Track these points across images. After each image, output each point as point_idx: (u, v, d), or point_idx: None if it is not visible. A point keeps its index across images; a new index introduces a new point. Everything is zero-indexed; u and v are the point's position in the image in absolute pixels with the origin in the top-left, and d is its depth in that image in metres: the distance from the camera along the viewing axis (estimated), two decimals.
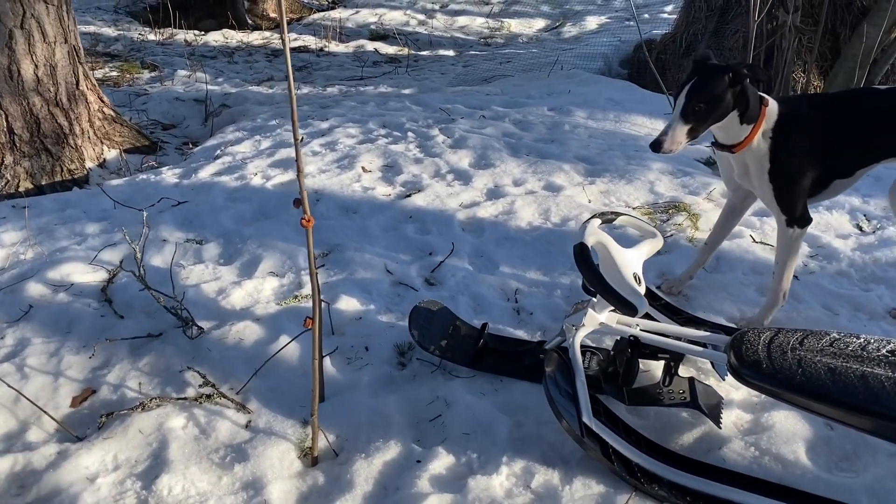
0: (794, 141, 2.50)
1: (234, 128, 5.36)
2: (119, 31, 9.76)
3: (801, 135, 2.50)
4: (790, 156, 2.50)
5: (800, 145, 2.50)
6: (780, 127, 2.48)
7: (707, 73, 2.35)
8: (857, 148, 2.57)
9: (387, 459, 2.21)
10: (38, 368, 2.59)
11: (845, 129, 2.53)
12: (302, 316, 2.85)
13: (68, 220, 3.73)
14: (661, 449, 2.17)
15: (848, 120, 2.55)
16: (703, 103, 2.33)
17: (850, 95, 2.76)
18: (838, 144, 2.54)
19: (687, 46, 6.20)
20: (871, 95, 2.69)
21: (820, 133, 2.52)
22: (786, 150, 2.49)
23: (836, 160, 2.57)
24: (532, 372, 2.49)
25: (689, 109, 2.34)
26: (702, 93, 2.32)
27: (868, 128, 2.55)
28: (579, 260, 2.12)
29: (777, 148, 2.49)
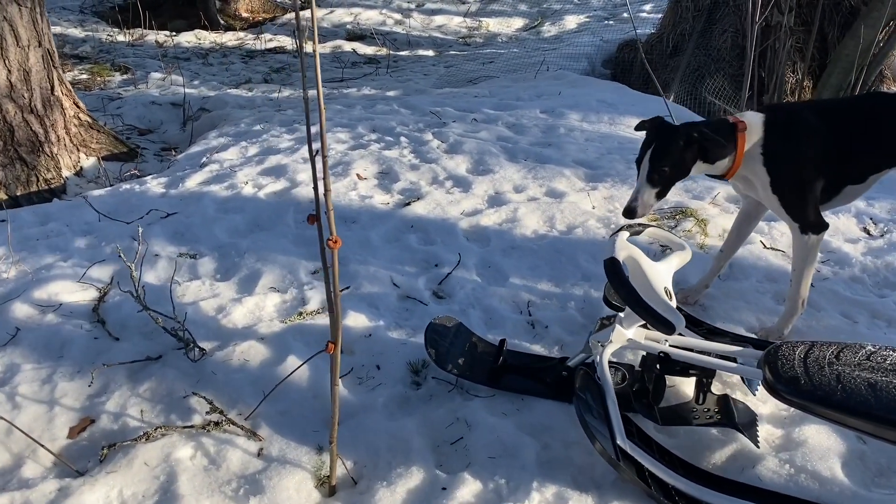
0: (788, 150, 2.47)
1: (216, 133, 5.19)
2: (86, 31, 9.47)
3: (795, 142, 2.48)
4: (788, 165, 2.47)
5: (796, 153, 2.47)
6: (769, 139, 2.47)
7: (664, 137, 2.41)
8: (868, 153, 2.54)
9: (410, 487, 2.11)
10: (31, 397, 2.44)
11: (854, 135, 2.50)
12: (308, 334, 2.74)
13: (51, 234, 3.55)
14: (697, 470, 2.09)
15: (857, 125, 2.51)
16: (665, 167, 2.40)
17: (858, 100, 2.73)
18: (847, 150, 2.50)
19: (674, 47, 6.17)
20: (881, 100, 2.65)
21: (823, 138, 2.48)
22: (782, 160, 2.47)
23: (846, 166, 2.53)
24: (554, 390, 2.40)
25: (653, 175, 2.42)
26: (662, 159, 2.40)
27: (879, 133, 2.52)
28: (612, 276, 2.04)
29: (772, 160, 2.47)
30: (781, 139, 2.47)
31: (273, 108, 5.94)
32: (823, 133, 2.48)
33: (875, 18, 4.67)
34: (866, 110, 2.56)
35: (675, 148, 2.39)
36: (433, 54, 8.70)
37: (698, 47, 5.87)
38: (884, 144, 2.53)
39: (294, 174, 4.05)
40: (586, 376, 2.18)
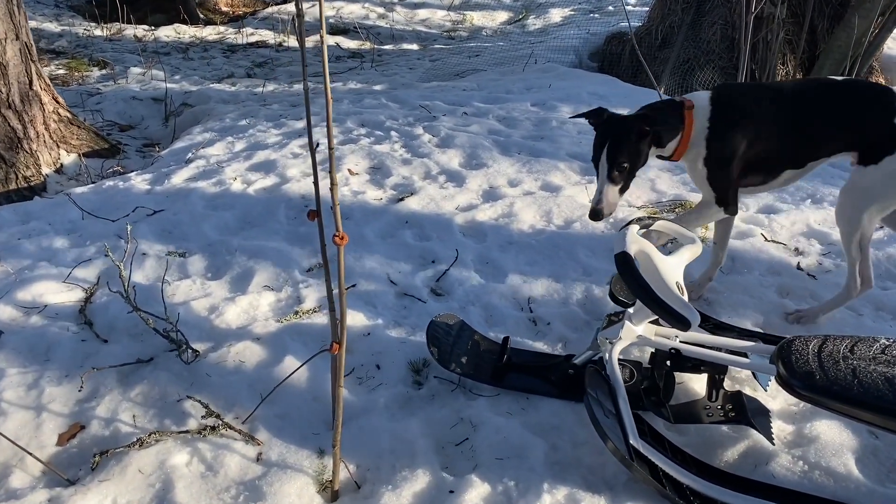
0: (730, 128, 2.47)
1: (201, 129, 5.08)
2: (62, 26, 9.27)
3: (738, 121, 2.48)
4: (727, 142, 2.47)
5: (737, 131, 2.47)
6: (715, 116, 2.47)
7: (618, 132, 2.39)
8: (808, 139, 2.52)
9: (416, 490, 2.04)
10: (17, 403, 2.34)
11: (796, 119, 2.48)
12: (305, 333, 2.66)
13: (32, 233, 3.43)
14: (710, 468, 2.05)
15: (799, 110, 2.50)
16: (625, 163, 2.38)
17: (803, 85, 2.68)
18: (787, 134, 2.50)
19: (663, 39, 6.13)
20: (826, 86, 2.60)
21: (767, 121, 2.48)
22: (722, 137, 2.47)
23: (785, 150, 2.53)
24: (560, 388, 2.35)
25: (613, 173, 2.39)
26: (620, 154, 2.37)
27: (820, 120, 2.49)
28: (625, 271, 1.98)
29: (714, 136, 2.48)
30: (726, 117, 2.47)
31: (258, 103, 5.83)
32: (768, 115, 2.48)
33: (868, 9, 4.65)
34: (811, 97, 2.53)
35: (630, 141, 2.37)
36: (418, 48, 8.61)
37: (688, 39, 5.84)
38: (826, 131, 2.50)
39: (284, 169, 3.95)
40: (596, 374, 2.12)
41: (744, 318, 2.72)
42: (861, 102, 2.48)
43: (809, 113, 2.48)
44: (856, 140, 2.48)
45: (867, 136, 2.46)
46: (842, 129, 2.48)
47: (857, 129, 2.47)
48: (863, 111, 2.47)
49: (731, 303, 2.80)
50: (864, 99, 2.49)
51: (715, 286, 2.87)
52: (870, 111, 2.46)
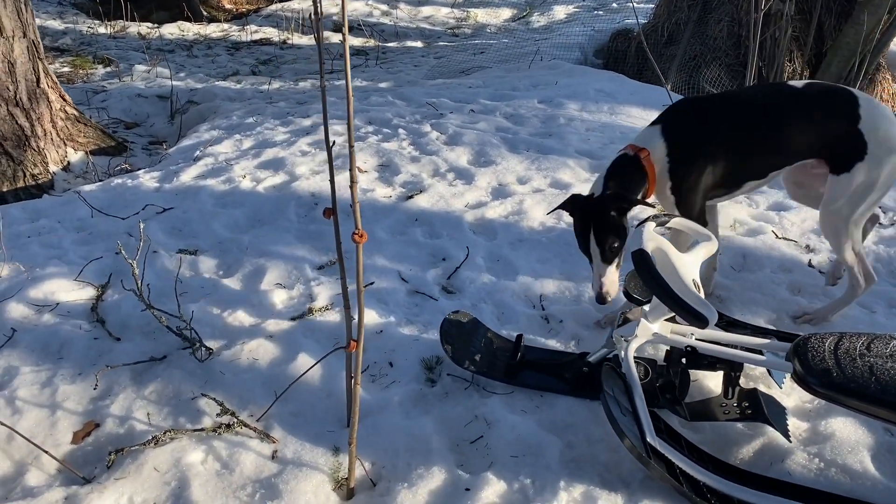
0: (688, 157, 2.45)
1: (207, 126, 5.07)
2: (66, 23, 9.27)
3: (694, 150, 2.45)
4: (688, 171, 2.45)
5: (696, 159, 2.45)
6: (672, 149, 2.44)
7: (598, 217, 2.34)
8: (770, 150, 2.49)
9: (432, 488, 2.03)
10: (31, 401, 2.34)
11: (754, 132, 2.45)
12: (318, 331, 2.66)
13: (42, 231, 3.43)
14: (727, 466, 2.04)
15: (757, 121, 2.46)
16: (615, 243, 2.33)
17: (758, 93, 2.66)
18: (748, 147, 2.46)
19: (669, 36, 6.12)
20: (783, 92, 2.56)
21: (722, 138, 2.45)
22: (683, 167, 2.45)
23: (746, 162, 2.50)
24: (574, 386, 2.34)
25: (606, 255, 2.35)
26: (607, 237, 2.32)
27: (780, 129, 2.46)
28: (642, 269, 1.97)
29: (675, 167, 2.46)
30: (682, 147, 2.45)
31: (264, 101, 5.82)
32: (724, 133, 2.45)
33: (876, 6, 4.64)
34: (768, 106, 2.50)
35: (612, 222, 2.33)
36: (422, 45, 8.60)
37: (694, 36, 5.83)
38: (787, 139, 2.46)
39: (293, 167, 3.95)
40: (612, 372, 2.12)
41: (756, 315, 2.72)
42: (822, 108, 2.45)
43: (768, 123, 2.45)
44: (819, 147, 2.46)
45: (832, 143, 2.44)
46: (803, 137, 2.45)
47: (819, 136, 2.44)
48: (824, 117, 2.44)
49: (743, 300, 2.79)
50: (825, 104, 2.46)
51: (726, 283, 2.87)
52: (832, 117, 2.43)
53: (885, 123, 2.40)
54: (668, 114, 2.57)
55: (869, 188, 2.43)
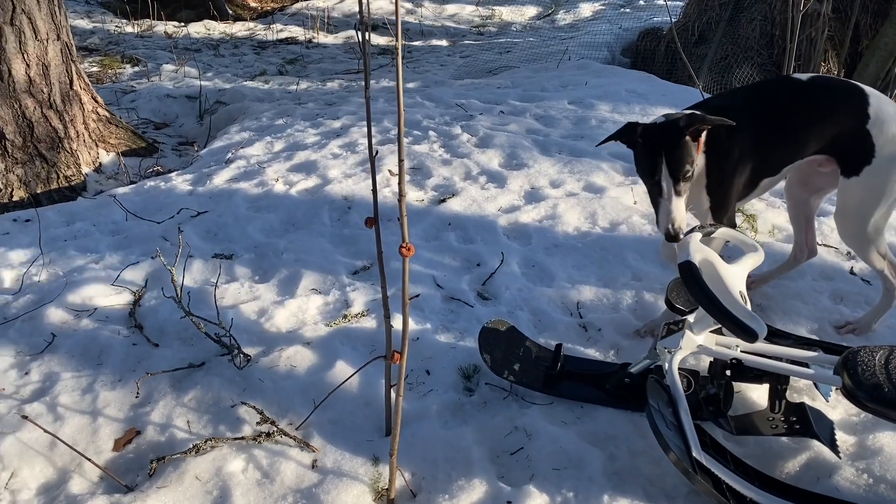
0: (724, 151, 2.36)
1: (237, 128, 5.08)
2: (94, 23, 9.34)
3: (729, 143, 2.36)
4: (723, 166, 2.37)
5: (730, 154, 2.36)
6: (710, 144, 2.33)
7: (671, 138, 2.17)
8: (783, 144, 2.42)
9: (473, 500, 2.02)
10: (72, 407, 2.35)
11: (769, 125, 2.39)
12: (355, 338, 2.66)
13: (78, 234, 3.46)
14: (774, 481, 2.01)
15: (771, 115, 2.40)
16: (689, 170, 2.18)
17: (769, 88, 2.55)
18: (763, 142, 2.40)
19: (700, 35, 6.05)
20: (793, 87, 2.49)
21: (745, 132, 2.37)
22: (718, 161, 2.36)
23: (763, 158, 2.43)
24: (616, 397, 2.32)
25: (679, 186, 2.18)
26: (683, 160, 2.16)
27: (792, 122, 2.40)
28: (690, 281, 1.94)
29: (710, 162, 2.36)
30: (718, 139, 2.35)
31: (293, 102, 5.83)
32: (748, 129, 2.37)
33: None
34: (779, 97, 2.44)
35: (688, 144, 2.17)
36: (447, 44, 8.57)
37: (725, 36, 5.75)
38: (800, 133, 2.40)
39: (325, 170, 3.95)
40: (656, 384, 2.09)
41: (797, 324, 2.68)
42: (829, 101, 2.40)
43: (780, 117, 2.40)
44: (828, 142, 2.41)
45: (840, 141, 2.39)
46: (812, 130, 2.40)
47: (828, 131, 2.39)
48: (831, 111, 2.39)
49: (785, 309, 2.75)
50: (832, 97, 2.41)
51: (768, 291, 2.82)
52: (840, 112, 2.39)
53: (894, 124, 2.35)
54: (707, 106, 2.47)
55: (881, 191, 2.37)
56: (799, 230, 2.82)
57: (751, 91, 2.57)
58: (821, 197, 2.78)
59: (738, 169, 2.39)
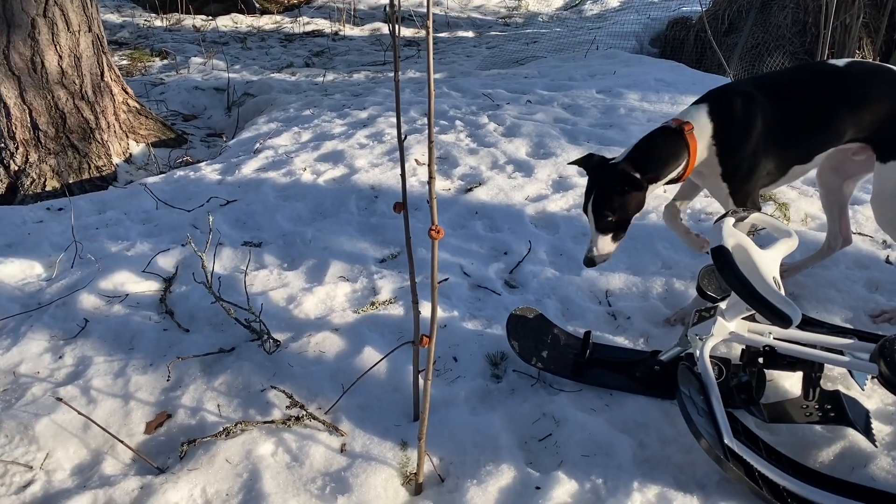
0: (739, 138, 2.32)
1: (265, 119, 5.12)
2: (123, 17, 9.46)
3: (746, 131, 2.32)
4: (740, 154, 2.33)
5: (747, 141, 2.32)
6: (720, 130, 2.32)
7: (603, 182, 2.24)
8: (815, 131, 2.37)
9: (502, 486, 2.01)
10: (105, 391, 2.38)
11: (800, 112, 2.34)
12: (382, 325, 2.66)
13: (109, 222, 3.50)
14: (807, 470, 1.98)
15: (803, 101, 2.36)
16: (610, 216, 2.24)
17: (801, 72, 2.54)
18: (793, 129, 2.35)
19: (730, 23, 5.96)
20: (828, 72, 2.45)
21: (769, 120, 2.32)
22: (734, 150, 2.33)
23: (792, 146, 2.38)
24: (645, 385, 2.29)
25: (602, 224, 2.27)
26: (605, 206, 2.24)
27: (826, 109, 2.35)
28: (723, 266, 1.91)
29: (725, 151, 2.34)
30: (732, 128, 2.32)
31: (320, 93, 5.85)
32: (771, 114, 2.33)
33: None
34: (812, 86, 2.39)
35: (617, 191, 2.21)
36: (473, 35, 8.55)
37: (756, 24, 5.66)
38: (833, 120, 2.36)
39: (352, 160, 3.96)
40: (687, 371, 2.07)
41: (832, 313, 2.64)
42: (868, 87, 2.36)
43: (813, 103, 2.35)
44: (864, 128, 2.36)
45: (876, 127, 2.35)
46: (849, 117, 2.35)
47: (864, 118, 2.35)
48: (870, 97, 2.35)
49: (818, 298, 2.70)
50: (870, 83, 2.37)
51: (801, 280, 2.78)
52: (876, 99, 2.34)
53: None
54: (713, 94, 2.45)
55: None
56: (832, 218, 2.77)
57: (783, 76, 2.53)
58: (854, 183, 2.72)
59: (759, 154, 2.35)
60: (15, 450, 2.16)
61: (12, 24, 4.18)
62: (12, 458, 2.13)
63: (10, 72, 4.24)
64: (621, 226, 2.30)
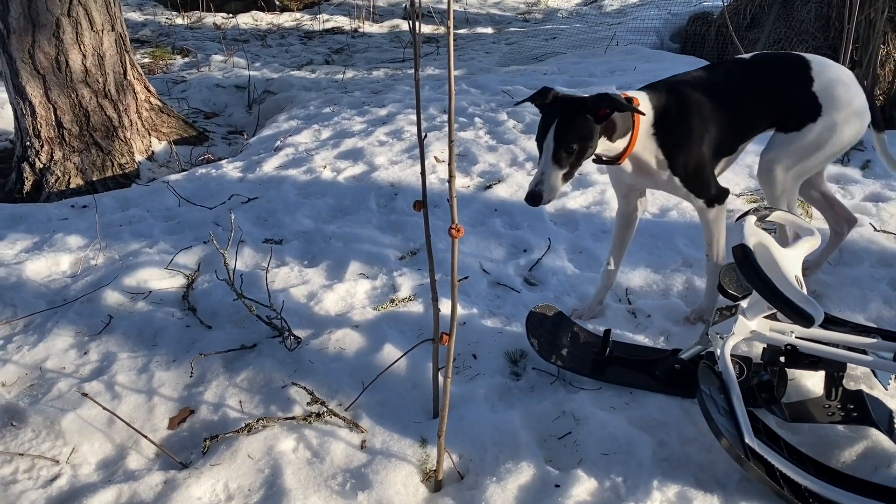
0: (680, 128, 2.31)
1: (285, 116, 5.15)
2: (145, 15, 9.55)
3: (684, 120, 2.31)
4: (683, 144, 2.32)
5: (688, 130, 2.32)
6: (660, 120, 2.29)
7: (570, 110, 2.12)
8: (736, 123, 2.41)
9: (521, 483, 2.01)
10: (129, 386, 2.42)
11: (722, 106, 2.37)
12: (402, 322, 2.67)
13: (133, 220, 3.55)
14: (829, 470, 1.96)
15: (722, 95, 2.38)
16: (574, 144, 2.12)
17: (717, 71, 2.52)
18: (719, 121, 2.37)
19: (752, 19, 5.90)
20: (738, 67, 2.48)
21: (702, 111, 2.34)
22: (676, 140, 2.31)
23: (720, 138, 2.39)
24: (666, 384, 2.29)
25: (560, 154, 2.13)
26: (569, 133, 2.11)
27: (740, 101, 2.40)
28: (744, 265, 1.91)
29: (666, 142, 2.30)
30: (670, 117, 2.30)
31: (339, 91, 5.88)
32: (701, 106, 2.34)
33: None
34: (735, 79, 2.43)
35: (584, 121, 2.10)
36: (492, 32, 8.54)
37: (779, 19, 5.60)
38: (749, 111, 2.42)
39: (372, 157, 3.97)
40: (708, 370, 2.06)
41: (855, 311, 2.61)
42: (781, 75, 2.42)
43: (729, 98, 2.38)
44: (780, 114, 2.42)
45: (789, 108, 2.40)
46: (768, 106, 2.42)
47: (781, 103, 2.41)
48: (784, 84, 2.41)
49: (841, 296, 2.68)
50: (783, 71, 2.42)
51: (823, 279, 2.75)
52: (790, 83, 2.40)
53: (839, 85, 2.38)
54: (649, 86, 2.43)
55: (818, 147, 2.40)
56: (822, 207, 2.78)
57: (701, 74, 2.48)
58: None
59: (702, 145, 2.36)
60: (42, 444, 2.19)
61: (37, 24, 4.23)
62: (39, 453, 2.17)
63: (36, 71, 4.30)
64: (576, 163, 2.18)
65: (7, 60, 4.32)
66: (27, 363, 2.53)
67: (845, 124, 2.39)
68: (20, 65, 4.29)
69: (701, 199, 2.39)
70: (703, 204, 2.40)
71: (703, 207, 2.41)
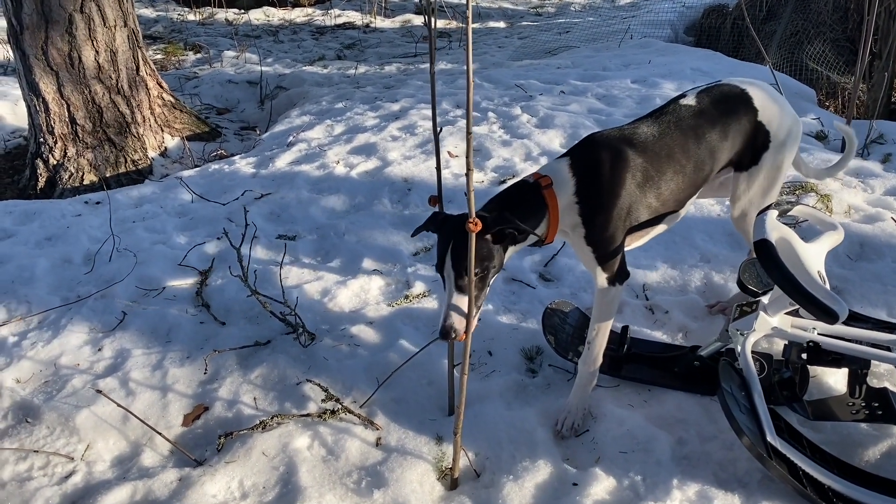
0: (603, 196, 2.08)
1: (298, 112, 5.13)
2: (157, 11, 9.57)
3: (609, 191, 2.08)
4: (603, 213, 2.08)
5: (610, 201, 2.08)
6: (582, 185, 2.07)
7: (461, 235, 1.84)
8: (683, 179, 2.18)
9: (538, 482, 1.99)
10: (143, 383, 2.41)
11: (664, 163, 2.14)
12: (416, 318, 2.65)
13: (146, 216, 3.54)
14: (853, 469, 1.93)
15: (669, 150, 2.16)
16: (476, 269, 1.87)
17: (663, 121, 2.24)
18: (662, 180, 2.14)
19: (768, 10, 5.83)
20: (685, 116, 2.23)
21: (636, 173, 2.11)
22: (597, 209, 2.08)
23: (661, 198, 2.17)
24: (685, 381, 2.25)
25: (462, 282, 1.89)
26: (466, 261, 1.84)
27: (693, 152, 2.18)
28: (766, 260, 1.87)
29: (587, 209, 2.08)
30: (595, 184, 2.07)
31: (352, 86, 5.85)
32: (638, 166, 2.11)
33: None
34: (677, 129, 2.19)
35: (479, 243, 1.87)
36: (504, 26, 8.49)
37: (796, 11, 5.53)
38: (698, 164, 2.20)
39: (385, 153, 3.95)
40: (729, 367, 2.03)
41: (876, 307, 2.57)
42: (730, 115, 2.24)
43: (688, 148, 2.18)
44: (734, 154, 2.29)
45: (744, 146, 2.28)
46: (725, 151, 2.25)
47: (735, 143, 2.26)
48: (734, 122, 2.24)
49: (863, 291, 2.63)
50: (731, 110, 2.25)
51: (843, 274, 2.71)
52: (739, 120, 2.25)
53: (777, 108, 2.30)
54: (575, 147, 2.22)
55: (778, 172, 2.33)
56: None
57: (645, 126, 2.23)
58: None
59: (626, 211, 2.12)
60: (56, 441, 2.19)
61: (50, 20, 4.23)
62: (54, 450, 2.16)
63: (49, 67, 4.31)
64: (483, 282, 1.95)
65: (20, 57, 4.32)
66: (42, 360, 2.53)
67: (790, 138, 2.32)
68: (33, 61, 4.29)
69: (605, 275, 2.14)
70: (605, 280, 2.15)
71: (603, 285, 2.15)
